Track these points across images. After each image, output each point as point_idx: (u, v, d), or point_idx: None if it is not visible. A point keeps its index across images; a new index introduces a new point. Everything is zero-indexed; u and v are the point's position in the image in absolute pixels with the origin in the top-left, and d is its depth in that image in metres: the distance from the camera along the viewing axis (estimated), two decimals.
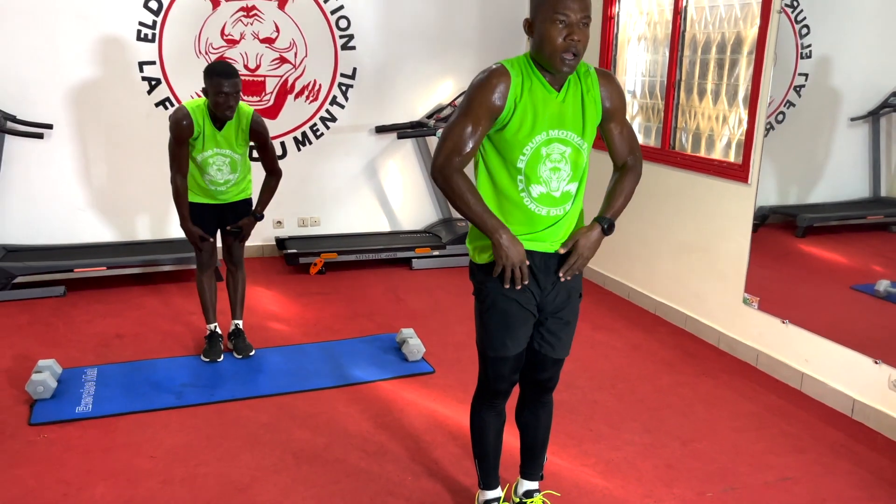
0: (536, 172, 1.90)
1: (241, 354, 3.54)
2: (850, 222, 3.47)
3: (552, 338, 2.08)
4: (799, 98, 3.47)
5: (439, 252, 5.15)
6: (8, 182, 4.57)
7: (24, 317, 4.01)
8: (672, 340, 3.91)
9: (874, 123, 3.18)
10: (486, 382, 2.16)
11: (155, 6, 4.68)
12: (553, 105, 1.88)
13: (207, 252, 3.44)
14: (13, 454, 2.65)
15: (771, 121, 3.52)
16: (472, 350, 3.61)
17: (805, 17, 3.38)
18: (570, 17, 1.77)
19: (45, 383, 3.03)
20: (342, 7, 5.08)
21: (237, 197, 3.42)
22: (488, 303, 2.03)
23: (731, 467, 2.69)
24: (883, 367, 2.97)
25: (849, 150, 3.30)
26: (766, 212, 3.63)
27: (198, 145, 3.19)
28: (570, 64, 1.81)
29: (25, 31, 4.44)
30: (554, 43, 1.79)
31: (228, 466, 2.61)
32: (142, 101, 4.80)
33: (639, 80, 4.55)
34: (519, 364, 2.11)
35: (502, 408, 2.23)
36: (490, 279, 2.00)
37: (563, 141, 1.90)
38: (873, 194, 3.27)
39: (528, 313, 2.02)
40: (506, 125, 1.87)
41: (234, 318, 3.65)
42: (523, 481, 2.36)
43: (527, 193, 1.92)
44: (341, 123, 5.29)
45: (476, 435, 2.24)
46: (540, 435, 2.27)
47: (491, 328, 2.04)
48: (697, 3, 4.00)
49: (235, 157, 3.28)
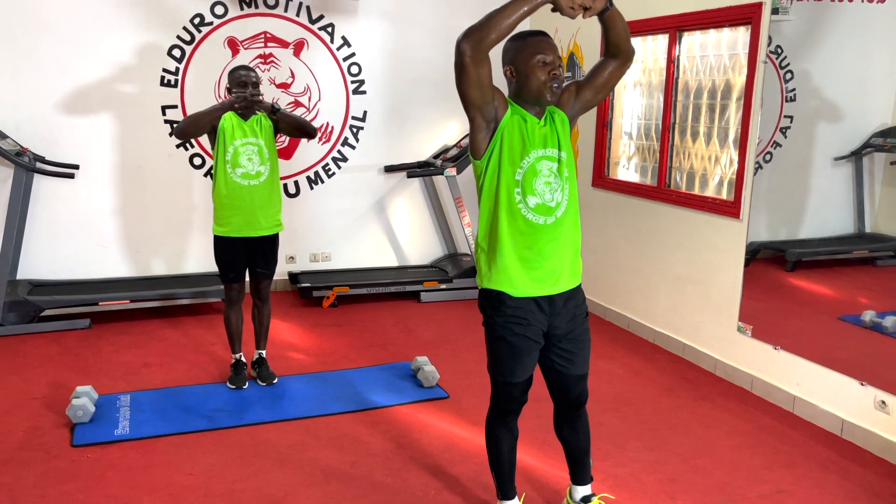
0: (531, 185, 2.18)
1: (265, 382, 3.75)
2: (836, 257, 3.64)
3: (569, 355, 2.32)
4: (785, 139, 3.67)
5: (446, 286, 5.38)
6: (35, 220, 4.79)
7: (53, 347, 4.20)
8: (671, 367, 4.13)
9: (857, 163, 3.37)
10: (497, 403, 2.40)
11: (178, 54, 4.97)
12: (538, 130, 2.21)
13: (236, 290, 3.66)
14: (60, 472, 2.83)
15: (759, 160, 3.75)
16: (482, 376, 3.83)
17: (789, 63, 3.61)
18: (549, 57, 2.15)
19: (84, 408, 3.22)
20: (354, 54, 5.39)
21: (270, 230, 3.60)
22: (497, 335, 2.27)
23: (729, 481, 2.90)
24: (869, 389, 3.20)
25: (834, 188, 3.47)
26: (757, 247, 3.82)
27: (228, 135, 3.44)
28: (556, 93, 2.18)
29: (55, 77, 4.71)
30: (540, 79, 2.15)
31: (263, 482, 2.80)
32: (164, 142, 5.06)
33: (635, 123, 4.84)
34: (527, 386, 2.34)
35: (514, 425, 2.45)
36: (497, 314, 2.23)
37: (549, 157, 2.21)
38: (858, 230, 3.45)
39: (533, 343, 2.26)
40: (501, 145, 2.17)
41: (259, 349, 3.86)
42: (577, 487, 2.57)
43: (524, 205, 2.19)
44: (352, 163, 5.56)
45: (491, 450, 2.46)
46: (581, 445, 2.50)
47: (500, 357, 2.29)
48: (689, 53, 4.31)
49: (262, 145, 3.49)
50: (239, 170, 3.47)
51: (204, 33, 5.00)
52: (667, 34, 4.37)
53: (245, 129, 3.48)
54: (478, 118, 2.16)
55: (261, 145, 3.50)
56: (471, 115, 2.17)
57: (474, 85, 2.09)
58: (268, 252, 3.66)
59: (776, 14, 3.58)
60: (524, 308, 2.23)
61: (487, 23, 2.00)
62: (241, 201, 3.49)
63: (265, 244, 3.64)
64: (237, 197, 3.49)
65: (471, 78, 2.07)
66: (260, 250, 3.63)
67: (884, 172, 3.29)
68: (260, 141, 3.50)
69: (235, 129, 3.46)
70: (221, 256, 3.60)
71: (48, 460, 2.92)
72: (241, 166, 3.47)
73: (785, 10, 3.57)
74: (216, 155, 3.49)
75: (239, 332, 3.76)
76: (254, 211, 3.52)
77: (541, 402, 2.68)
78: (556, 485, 2.85)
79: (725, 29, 4.01)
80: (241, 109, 3.40)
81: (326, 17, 5.27)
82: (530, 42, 2.17)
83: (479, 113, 2.15)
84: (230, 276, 3.62)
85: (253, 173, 3.49)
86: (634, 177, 4.85)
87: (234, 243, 3.56)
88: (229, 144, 3.45)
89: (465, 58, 2.04)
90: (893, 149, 3.22)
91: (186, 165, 5.13)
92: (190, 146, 5.11)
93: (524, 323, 2.23)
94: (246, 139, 3.47)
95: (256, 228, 3.56)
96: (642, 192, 4.60)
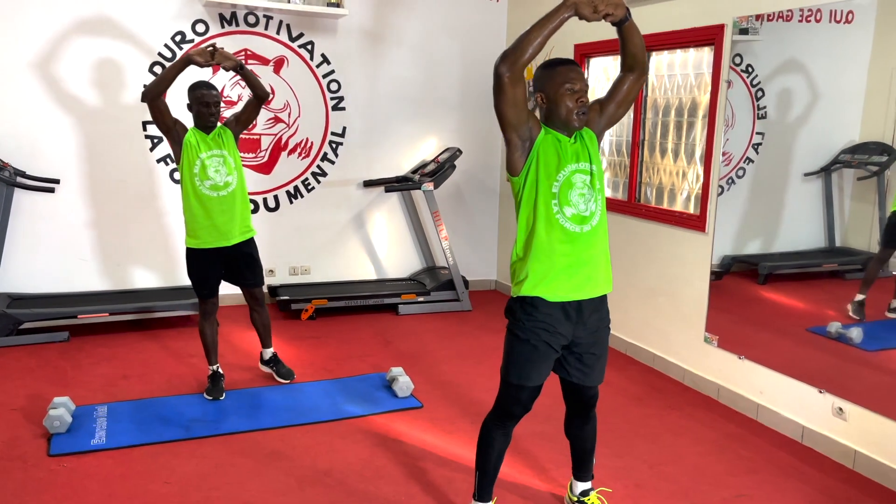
0: (567, 197, 2.32)
1: (286, 379, 3.95)
2: (807, 270, 3.72)
3: (587, 369, 2.47)
4: (757, 155, 3.79)
5: (424, 298, 5.46)
6: (15, 234, 4.82)
7: (32, 360, 4.23)
8: (641, 377, 4.23)
9: (826, 178, 3.47)
10: (502, 405, 2.49)
11: (159, 70, 5.04)
12: (570, 147, 2.35)
13: (211, 303, 3.73)
14: (38, 481, 2.87)
15: (733, 176, 3.85)
16: (456, 387, 3.94)
17: (760, 82, 3.73)
18: (577, 85, 2.31)
19: (61, 418, 3.26)
20: (333, 71, 5.49)
21: (242, 236, 3.70)
22: (523, 336, 2.38)
23: (693, 486, 2.99)
24: (827, 396, 3.31)
25: (805, 204, 3.56)
26: (731, 261, 3.93)
27: (194, 149, 3.52)
28: (582, 119, 2.34)
29: (37, 93, 4.77)
30: (568, 106, 2.31)
31: (239, 490, 2.85)
32: (144, 157, 5.12)
33: (608, 140, 4.97)
34: (535, 394, 2.45)
35: (511, 430, 2.55)
36: (528, 318, 2.36)
37: (582, 171, 2.35)
38: (828, 244, 3.54)
39: (553, 352, 2.40)
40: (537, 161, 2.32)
41: (267, 347, 4.00)
42: (578, 483, 2.76)
43: (561, 215, 2.32)
44: (331, 178, 5.64)
45: (482, 449, 2.56)
46: (588, 444, 2.66)
47: (518, 360, 2.40)
48: (657, 72, 4.45)
49: (226, 155, 3.58)
50: (207, 182, 3.55)
51: (185, 50, 5.08)
52: None
53: (209, 143, 3.57)
54: (514, 138, 2.30)
55: (225, 156, 3.60)
56: (507, 136, 2.31)
57: (511, 104, 2.23)
58: (248, 260, 3.75)
59: (746, 34, 3.70)
60: (554, 316, 2.36)
61: (519, 45, 2.17)
62: (211, 212, 3.57)
63: (241, 253, 3.71)
64: (207, 209, 3.57)
65: (508, 98, 2.22)
66: (240, 261, 3.72)
67: (852, 188, 3.38)
68: (224, 152, 3.60)
69: (200, 143, 3.55)
70: (195, 269, 3.67)
71: (25, 469, 2.96)
72: (209, 178, 3.55)
73: (755, 31, 3.70)
74: (183, 169, 3.56)
75: (214, 344, 3.82)
76: (225, 221, 3.61)
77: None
78: (528, 494, 2.93)
79: (691, 49, 4.15)
80: (205, 64, 3.42)
81: (306, 35, 5.37)
82: (559, 71, 2.33)
83: (516, 132, 2.29)
84: (203, 292, 3.70)
85: (221, 184, 3.58)
86: (607, 192, 4.97)
87: (207, 255, 3.64)
88: (196, 158, 3.53)
89: (503, 79, 2.19)
90: (861, 165, 3.30)
91: (167, 180, 5.19)
92: (170, 161, 5.17)
93: (551, 330, 2.37)
94: (211, 151, 3.56)
95: (228, 238, 3.64)
96: (614, 207, 4.71)
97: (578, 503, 2.74)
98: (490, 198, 6.20)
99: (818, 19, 3.37)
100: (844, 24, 3.29)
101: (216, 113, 3.54)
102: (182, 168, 3.57)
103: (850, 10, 3.23)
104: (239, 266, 3.73)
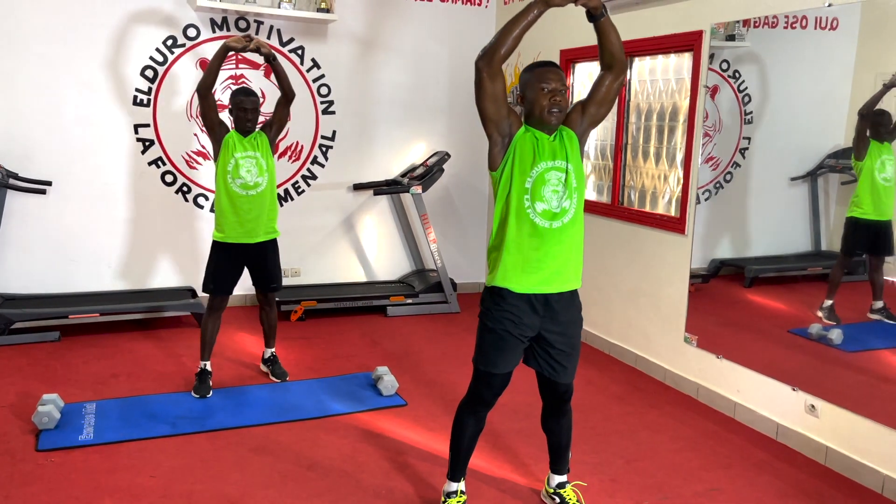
0: (540, 192, 2.40)
1: (279, 379, 4.06)
2: (792, 273, 3.78)
3: (559, 367, 2.55)
4: (744, 160, 3.86)
5: (412, 300, 5.53)
6: (7, 235, 4.89)
7: (22, 359, 4.29)
8: (623, 377, 4.30)
9: (812, 183, 3.53)
10: (474, 392, 2.60)
11: (151, 74, 5.11)
12: (547, 145, 2.43)
13: (219, 300, 3.87)
14: (25, 475, 2.93)
15: (720, 180, 3.92)
16: (440, 386, 4.01)
17: (747, 87, 3.80)
18: (551, 85, 2.39)
19: (49, 414, 3.32)
20: (323, 76, 5.57)
21: (267, 235, 3.87)
22: (490, 325, 2.49)
23: (667, 481, 3.06)
24: (800, 394, 3.39)
25: (791, 208, 3.62)
26: (718, 264, 4.00)
27: (230, 149, 3.72)
28: (557, 116, 2.41)
29: (29, 96, 4.84)
30: (542, 104, 2.39)
31: (221, 484, 2.92)
32: (136, 160, 5.19)
33: (592, 144, 5.05)
34: (505, 382, 2.56)
35: (483, 416, 2.65)
36: (495, 308, 2.47)
37: (558, 168, 2.43)
38: (814, 248, 3.61)
39: (519, 342, 2.49)
40: (514, 157, 2.41)
41: (269, 347, 4.16)
42: (554, 476, 2.85)
43: (532, 210, 2.41)
44: (321, 181, 5.72)
45: (455, 432, 2.67)
46: (563, 437, 2.75)
47: (486, 347, 2.51)
48: (640, 77, 4.53)
49: (259, 157, 3.77)
50: (238, 180, 3.73)
51: (177, 54, 5.15)
52: None
53: (245, 144, 3.75)
54: (494, 133, 2.41)
55: (258, 157, 3.77)
56: (488, 131, 2.41)
57: (490, 99, 2.34)
58: (269, 263, 3.92)
59: (732, 40, 3.77)
60: (520, 307, 2.46)
61: (496, 41, 2.30)
62: (238, 210, 3.75)
63: (262, 252, 3.88)
64: (236, 205, 3.75)
65: (487, 92, 2.33)
66: (260, 261, 3.89)
67: (838, 192, 3.44)
68: (257, 154, 3.77)
69: (237, 144, 3.74)
70: (213, 261, 3.83)
71: (13, 464, 3.02)
72: (240, 177, 3.73)
73: (741, 37, 3.77)
74: (219, 166, 3.75)
75: (212, 341, 3.91)
76: (251, 219, 3.79)
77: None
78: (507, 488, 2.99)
79: (672, 55, 4.24)
80: (241, 49, 3.67)
81: (297, 39, 5.46)
82: (537, 72, 2.44)
83: (496, 128, 2.40)
84: (211, 286, 3.83)
85: (251, 184, 3.75)
86: (591, 195, 5.06)
87: (229, 250, 3.80)
88: (230, 157, 3.72)
89: (482, 73, 2.31)
90: (845, 169, 3.36)
91: (158, 182, 5.26)
92: (162, 164, 5.24)
93: (517, 321, 2.46)
94: (246, 152, 3.74)
95: (252, 236, 3.82)
96: (597, 210, 4.80)
97: (555, 495, 2.81)
98: (478, 201, 6.27)
99: (804, 26, 3.42)
100: (829, 30, 3.34)
101: (253, 119, 3.74)
102: (218, 165, 3.76)
103: (835, 17, 3.28)
104: (260, 265, 3.90)
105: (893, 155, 3.11)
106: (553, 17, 4.91)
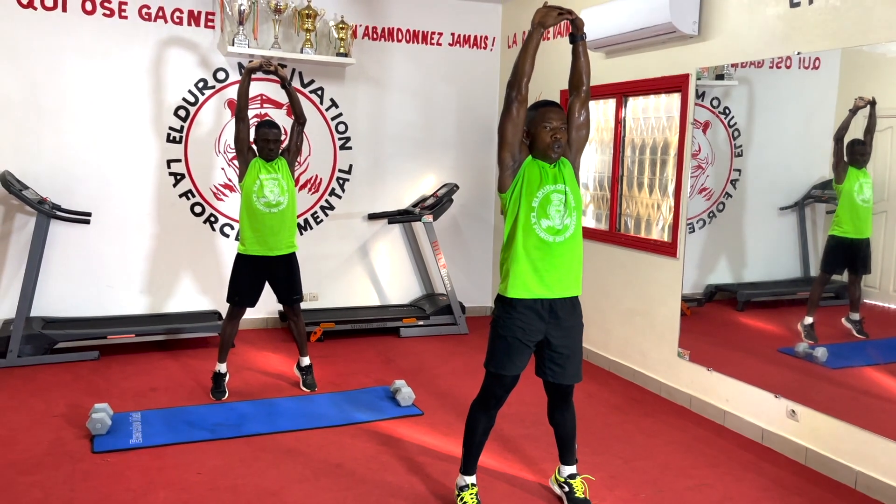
0: (545, 211, 2.77)
1: (308, 389, 4.45)
2: (782, 298, 4.00)
3: (560, 369, 2.91)
4: (735, 190, 4.10)
5: (424, 322, 5.89)
6: (49, 263, 5.27)
7: (67, 375, 4.64)
8: (622, 390, 4.65)
9: (800, 212, 3.73)
10: (486, 391, 2.95)
11: (183, 113, 5.55)
12: (550, 171, 2.81)
13: (241, 310, 4.29)
14: (85, 472, 3.28)
15: (713, 210, 4.25)
16: (453, 398, 4.36)
17: (736, 123, 4.06)
18: (553, 123, 2.77)
19: (102, 421, 3.67)
20: (341, 114, 6.00)
21: (286, 248, 4.30)
22: (501, 333, 2.85)
23: (661, 478, 3.39)
24: (782, 400, 3.72)
25: (781, 236, 3.84)
26: (713, 289, 4.30)
27: (256, 171, 4.19)
28: (558, 152, 2.79)
29: (72, 133, 5.26)
30: (546, 140, 2.77)
31: (261, 479, 3.26)
32: (168, 192, 5.59)
33: (591, 176, 5.45)
34: (514, 384, 2.91)
35: (494, 413, 2.98)
36: (507, 316, 2.82)
37: (558, 191, 2.80)
38: (803, 273, 3.81)
39: (527, 348, 2.85)
40: (522, 180, 2.78)
41: (304, 355, 4.53)
42: (563, 467, 3.13)
43: (538, 226, 2.78)
44: (338, 211, 6.12)
45: (469, 429, 3.00)
46: (568, 428, 3.08)
47: (498, 352, 2.87)
48: (633, 115, 4.95)
49: (280, 179, 4.22)
50: (262, 199, 4.17)
51: (207, 95, 5.59)
52: (615, 98, 5.02)
53: (269, 168, 4.23)
54: (507, 157, 2.79)
55: (279, 179, 4.23)
56: (502, 155, 2.79)
57: (512, 123, 2.71)
58: (289, 274, 4.34)
59: (721, 79, 4.11)
60: (528, 316, 2.79)
61: (517, 69, 2.70)
62: (261, 225, 4.19)
63: (282, 265, 4.29)
64: (259, 221, 4.18)
65: (512, 116, 2.71)
66: (281, 273, 4.30)
67: (824, 221, 3.60)
68: (279, 175, 4.24)
69: (262, 168, 4.21)
70: (236, 272, 4.26)
71: (73, 463, 3.37)
72: (264, 196, 4.18)
73: (730, 76, 4.12)
74: (245, 186, 4.21)
75: (229, 343, 4.34)
76: (273, 234, 4.22)
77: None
78: (517, 482, 3.32)
79: (662, 95, 4.65)
80: (258, 69, 4.24)
81: (317, 81, 5.90)
82: (541, 112, 2.79)
83: (510, 153, 2.78)
84: (235, 298, 4.26)
85: (274, 202, 4.20)
86: (591, 223, 5.44)
87: (250, 262, 4.23)
88: (256, 178, 4.18)
89: (511, 97, 2.70)
90: (830, 200, 3.54)
91: (187, 213, 5.66)
92: (192, 196, 5.64)
93: (525, 328, 2.82)
94: (269, 174, 4.21)
95: (272, 249, 4.25)
96: (596, 236, 5.18)
97: (565, 484, 3.12)
98: (485, 230, 6.67)
99: (788, 66, 3.64)
100: (812, 69, 3.56)
101: (275, 149, 4.22)
102: (244, 185, 4.20)
103: (818, 58, 3.51)
104: (281, 276, 4.32)
105: (870, 178, 3.38)
106: (554, 60, 5.34)
